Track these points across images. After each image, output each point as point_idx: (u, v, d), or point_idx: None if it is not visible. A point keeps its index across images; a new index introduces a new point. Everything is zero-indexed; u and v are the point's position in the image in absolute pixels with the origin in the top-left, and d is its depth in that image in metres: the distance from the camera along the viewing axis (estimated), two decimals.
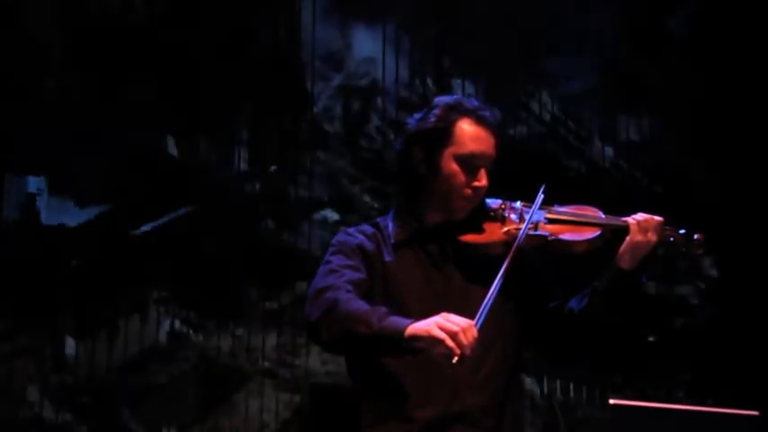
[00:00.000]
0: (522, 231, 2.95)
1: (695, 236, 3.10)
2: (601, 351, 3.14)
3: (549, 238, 3.02)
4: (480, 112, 3.05)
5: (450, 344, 2.66)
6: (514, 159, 3.15)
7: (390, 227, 3.09)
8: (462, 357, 2.66)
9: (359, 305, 2.80)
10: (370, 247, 3.04)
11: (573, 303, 3.08)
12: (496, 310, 2.82)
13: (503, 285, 2.84)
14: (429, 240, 3.06)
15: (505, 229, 3.04)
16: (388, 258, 3.03)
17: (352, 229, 3.11)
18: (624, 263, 3.03)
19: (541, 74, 5.01)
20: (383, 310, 2.77)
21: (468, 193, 3.02)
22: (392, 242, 3.05)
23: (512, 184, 3.09)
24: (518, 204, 3.09)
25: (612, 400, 2.55)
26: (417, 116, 3.09)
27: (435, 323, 2.69)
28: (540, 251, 3.04)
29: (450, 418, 2.94)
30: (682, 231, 3.09)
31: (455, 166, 3.01)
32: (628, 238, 3.02)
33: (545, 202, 3.07)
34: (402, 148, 3.08)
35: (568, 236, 3.02)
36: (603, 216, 3.09)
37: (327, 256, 3.03)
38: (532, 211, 3.02)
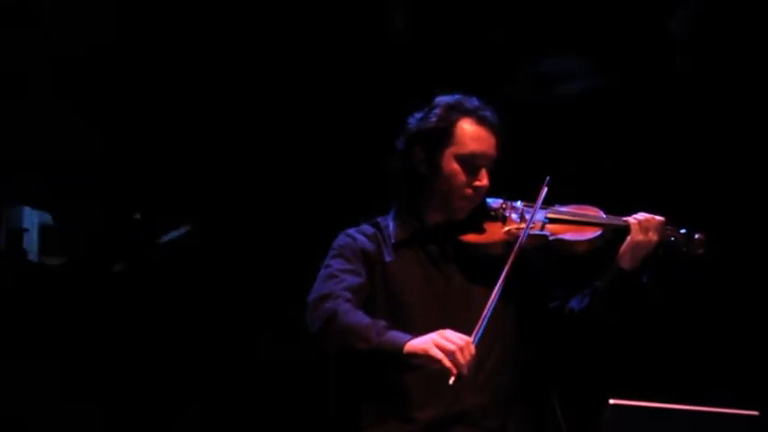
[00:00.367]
0: (525, 231, 2.95)
1: (696, 235, 3.10)
2: (601, 351, 3.14)
3: (550, 237, 3.02)
4: (481, 112, 3.05)
5: (448, 364, 2.66)
6: (514, 158, 3.13)
7: (391, 227, 3.09)
8: (459, 377, 2.66)
9: (358, 318, 2.80)
10: (370, 247, 3.04)
11: (573, 303, 3.08)
12: (497, 310, 2.82)
13: (503, 290, 2.84)
14: (430, 240, 3.07)
15: (506, 228, 3.04)
16: (388, 258, 3.04)
17: (352, 231, 3.11)
18: (625, 262, 3.03)
19: (542, 73, 5.01)
20: (382, 324, 2.77)
21: (469, 192, 3.03)
22: (393, 242, 3.06)
23: (512, 183, 3.09)
24: (519, 204, 3.10)
25: (612, 400, 2.54)
26: (418, 116, 3.09)
27: (433, 341, 2.68)
28: (541, 251, 3.04)
29: (451, 419, 2.94)
30: (683, 231, 3.09)
31: (456, 166, 3.01)
32: (629, 237, 3.02)
33: (545, 201, 3.07)
34: (403, 148, 3.09)
35: (569, 236, 3.03)
36: (604, 216, 3.09)
37: (327, 259, 3.03)
38: (537, 204, 3.02)
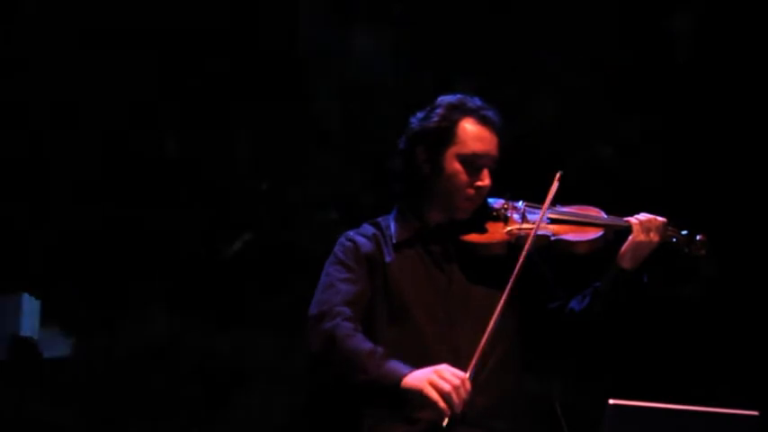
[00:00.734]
0: (533, 233, 2.95)
1: (697, 236, 3.10)
2: (601, 351, 3.14)
3: (552, 238, 3.02)
4: (483, 112, 3.04)
5: (443, 405, 2.68)
6: (516, 159, 3.13)
7: (392, 227, 3.09)
8: (452, 420, 2.69)
9: (356, 345, 2.80)
10: (369, 248, 3.04)
11: (574, 303, 3.09)
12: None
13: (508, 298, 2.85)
14: (431, 240, 3.06)
15: (508, 228, 3.04)
16: (388, 258, 3.03)
17: (351, 233, 3.11)
18: (625, 263, 3.03)
19: (541, 73, 5.01)
20: (380, 354, 2.78)
21: (471, 192, 3.02)
22: (394, 242, 3.05)
23: (513, 183, 3.09)
24: (520, 204, 3.09)
25: (612, 400, 2.55)
26: (420, 115, 3.09)
27: (429, 381, 2.70)
28: (543, 251, 3.04)
29: (455, 420, 2.94)
30: (684, 232, 3.10)
31: (458, 166, 3.01)
32: (630, 237, 3.02)
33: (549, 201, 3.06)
34: (405, 148, 3.09)
35: (571, 236, 3.03)
36: (606, 216, 3.09)
37: (327, 266, 3.04)
38: (548, 200, 3.00)
